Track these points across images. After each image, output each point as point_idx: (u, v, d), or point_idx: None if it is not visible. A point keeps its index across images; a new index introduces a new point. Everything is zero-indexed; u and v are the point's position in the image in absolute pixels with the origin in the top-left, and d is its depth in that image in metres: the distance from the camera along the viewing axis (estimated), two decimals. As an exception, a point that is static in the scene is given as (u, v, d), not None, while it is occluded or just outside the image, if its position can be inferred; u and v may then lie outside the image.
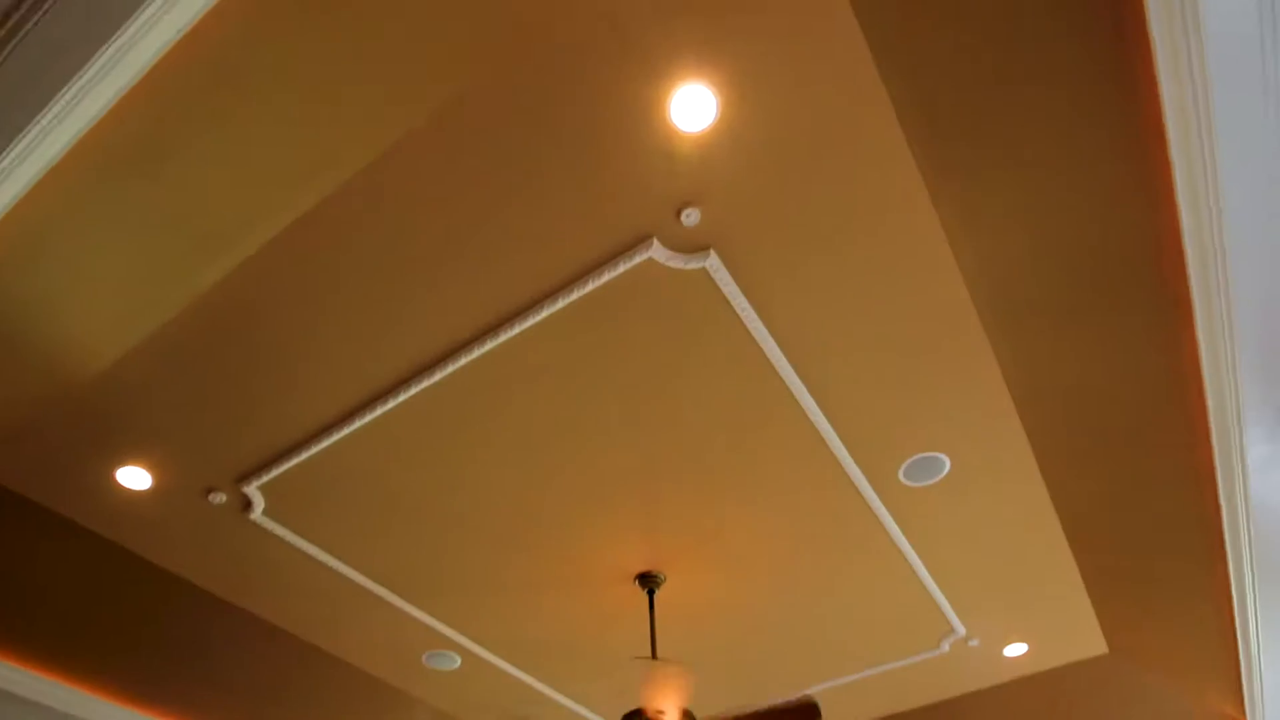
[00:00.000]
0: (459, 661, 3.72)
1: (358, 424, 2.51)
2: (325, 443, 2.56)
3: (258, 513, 2.83)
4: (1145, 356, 2.32)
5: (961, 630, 3.67)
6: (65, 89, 1.60)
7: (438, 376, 2.37)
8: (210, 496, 2.78)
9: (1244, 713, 3.72)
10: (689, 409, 2.53)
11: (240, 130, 1.78)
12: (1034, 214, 2.04)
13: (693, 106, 1.78)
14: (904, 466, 2.78)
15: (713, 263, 2.12)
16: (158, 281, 2.09)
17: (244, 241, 2.02)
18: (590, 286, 2.16)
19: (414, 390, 2.42)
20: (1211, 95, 1.69)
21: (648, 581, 3.18)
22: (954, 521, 3.05)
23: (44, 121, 1.64)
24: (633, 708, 2.67)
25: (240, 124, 1.77)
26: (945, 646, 3.78)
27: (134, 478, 2.70)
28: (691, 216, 2.02)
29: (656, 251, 2.08)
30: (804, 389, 2.48)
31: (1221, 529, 2.70)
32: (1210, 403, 2.22)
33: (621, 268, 2.11)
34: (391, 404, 2.45)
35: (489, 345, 2.29)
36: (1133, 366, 2.31)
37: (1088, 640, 3.83)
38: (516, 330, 2.25)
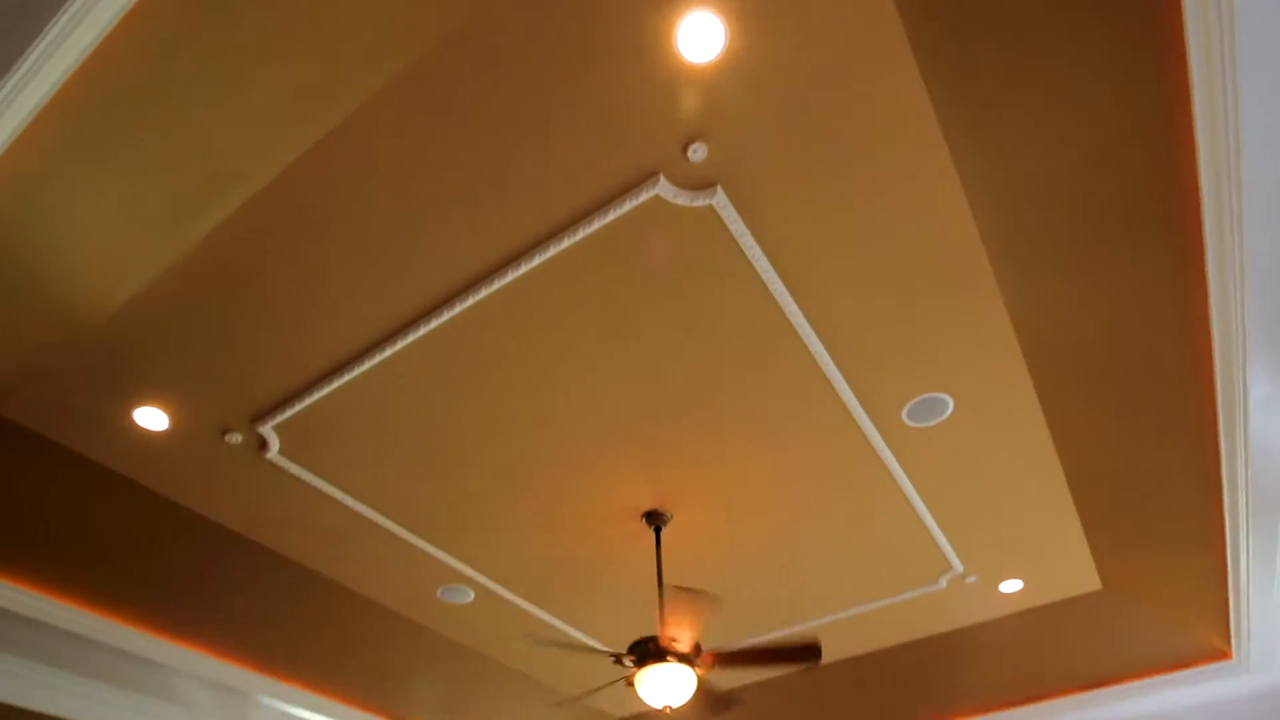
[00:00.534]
0: (472, 596, 3.86)
1: (368, 365, 2.54)
2: (336, 383, 2.60)
3: (273, 452, 2.90)
4: (1153, 295, 2.31)
5: (959, 567, 3.77)
6: (53, 22, 1.56)
7: (445, 317, 2.39)
8: (227, 437, 2.84)
9: (1230, 645, 3.83)
10: (695, 348, 2.55)
11: (235, 68, 1.75)
12: (1047, 148, 2.00)
13: (700, 36, 1.74)
14: (907, 407, 2.81)
15: (719, 200, 2.11)
16: (160, 222, 2.09)
17: (244, 182, 2.01)
18: (596, 225, 2.15)
19: (422, 331, 2.44)
20: (1237, 26, 1.63)
21: (654, 519, 3.26)
22: (955, 462, 3.10)
23: (33, 57, 1.61)
24: (647, 635, 2.77)
25: (235, 61, 1.74)
26: (943, 583, 3.89)
27: (151, 419, 2.76)
28: (698, 152, 2.00)
29: (663, 189, 2.07)
30: (809, 329, 2.49)
31: (1219, 467, 2.73)
32: (1216, 341, 2.22)
33: (628, 205, 2.10)
34: (400, 344, 2.48)
35: (495, 285, 2.30)
36: (1140, 305, 2.31)
37: (1082, 577, 3.93)
38: (523, 269, 2.26)
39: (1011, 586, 3.96)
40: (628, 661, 2.92)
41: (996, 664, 4.36)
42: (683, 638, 2.71)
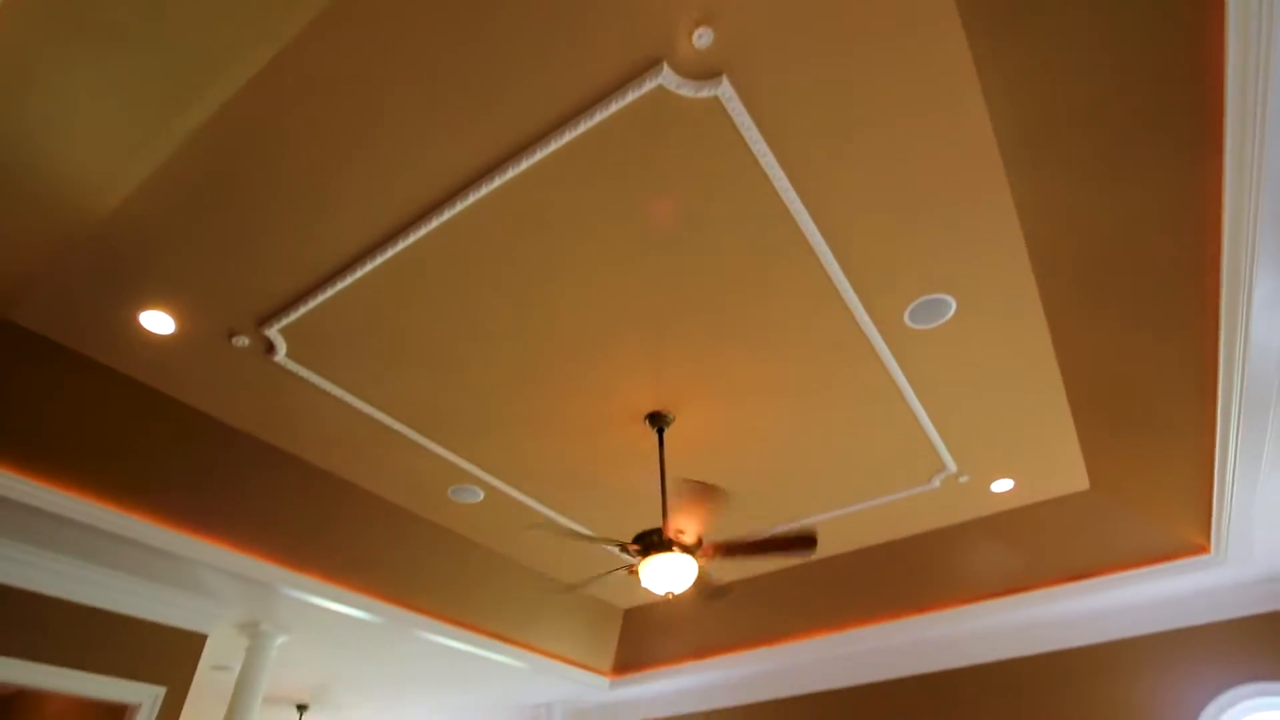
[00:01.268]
0: (482, 495, 4.01)
1: (370, 266, 2.54)
2: (340, 285, 2.60)
3: (281, 355, 2.94)
4: (1165, 193, 2.26)
5: (953, 467, 3.88)
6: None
7: (446, 216, 2.36)
8: (234, 340, 2.88)
9: (1209, 540, 4.00)
10: (697, 247, 2.53)
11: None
12: (1068, 46, 1.91)
13: (707, -97, 1.63)
14: (910, 309, 2.81)
15: (725, 90, 2.03)
16: (151, 113, 2.03)
17: (233, 70, 1.94)
18: (599, 117, 2.09)
19: (422, 232, 2.42)
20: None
21: (657, 420, 3.33)
22: (954, 364, 3.13)
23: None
24: (651, 527, 2.88)
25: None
26: (936, 482, 4.02)
27: (158, 322, 2.78)
28: (704, 37, 1.91)
29: (666, 78, 1.99)
30: (814, 227, 2.45)
31: (1215, 368, 2.76)
32: (1226, 237, 2.19)
33: (630, 96, 2.03)
34: (402, 245, 2.46)
35: (496, 183, 2.26)
36: (1151, 204, 2.26)
37: (1071, 477, 4.06)
38: (524, 165, 2.21)
39: (1003, 486, 4.09)
40: (632, 551, 3.07)
41: (984, 558, 4.57)
42: (688, 529, 2.83)
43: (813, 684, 5.60)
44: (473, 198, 2.30)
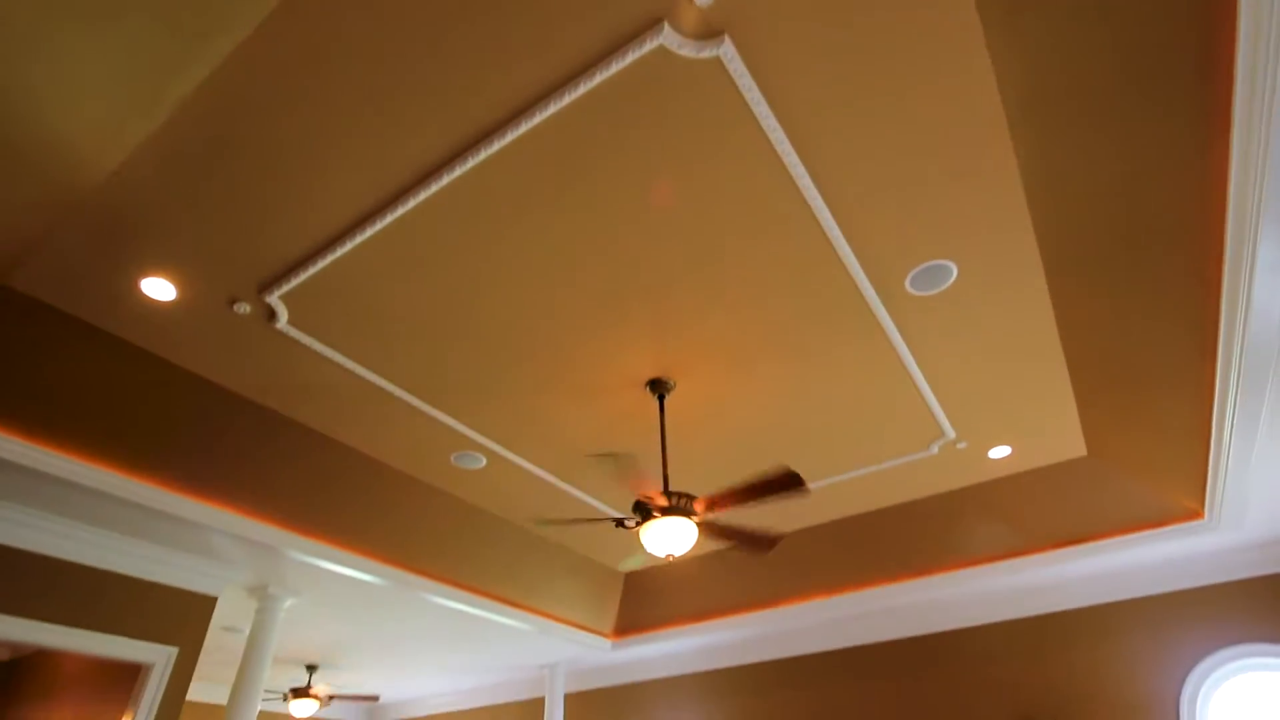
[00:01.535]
0: (484, 461, 4.05)
1: (369, 232, 2.53)
2: (340, 251, 2.60)
3: (282, 322, 2.95)
4: (1173, 155, 2.23)
5: (951, 433, 3.91)
6: None
7: (445, 180, 2.35)
8: (235, 307, 2.88)
9: (1203, 506, 4.04)
10: (698, 214, 2.52)
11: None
12: (1077, 6, 1.87)
13: None
14: (911, 275, 2.80)
15: (727, 50, 2.00)
16: (148, 75, 2.00)
17: (229, 32, 1.91)
18: (598, 79, 2.06)
19: (422, 196, 2.41)
20: None
21: (658, 387, 3.35)
22: (954, 330, 3.13)
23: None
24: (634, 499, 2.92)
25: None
26: (934, 449, 4.05)
27: (158, 289, 2.79)
28: (705, -5, 1.87)
29: (667, 38, 1.96)
30: (816, 192, 2.44)
31: (1216, 336, 2.76)
32: (1231, 202, 2.17)
33: (630, 57, 2.00)
34: (401, 210, 2.45)
35: (496, 145, 2.24)
36: (1157, 163, 2.24)
37: (1068, 444, 4.09)
38: (524, 128, 2.19)
39: (1000, 452, 4.13)
40: (630, 523, 3.11)
41: (981, 524, 4.63)
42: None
43: (811, 645, 5.73)
44: (472, 162, 2.28)
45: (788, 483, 2.64)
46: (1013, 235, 2.66)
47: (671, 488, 2.89)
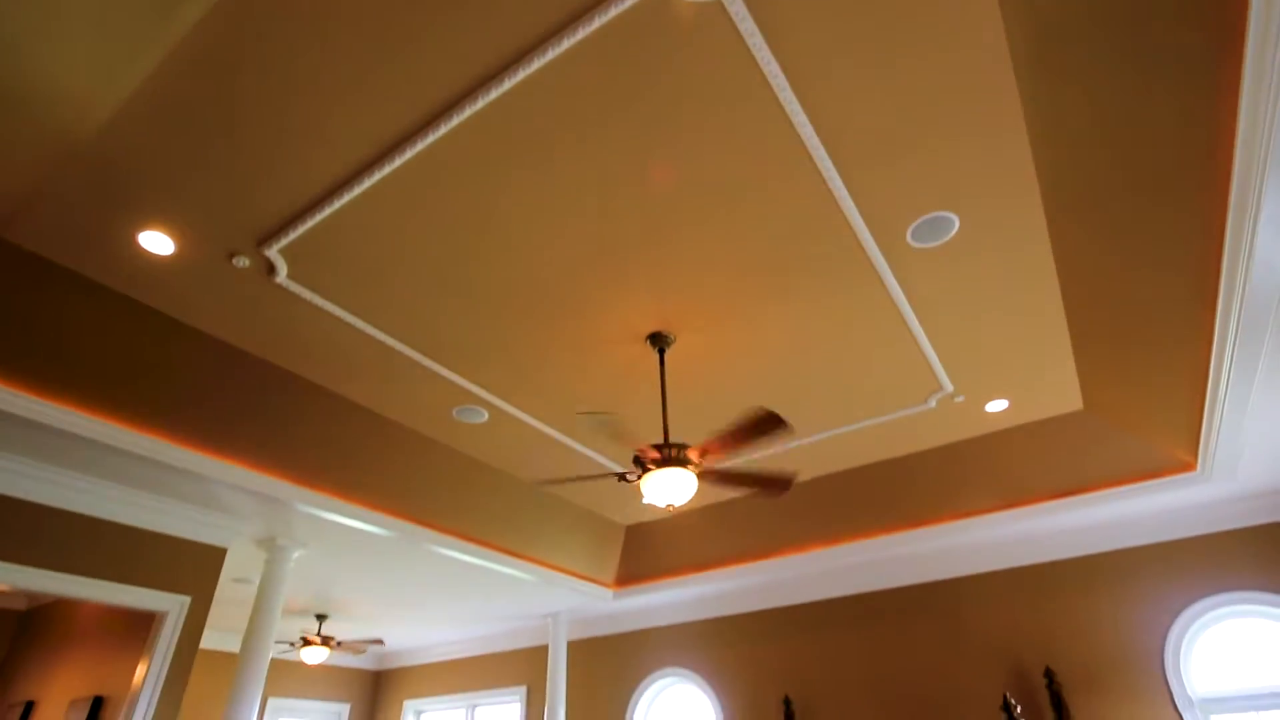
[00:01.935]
0: (486, 415, 4.09)
1: (367, 184, 2.51)
2: (339, 202, 2.58)
3: (282, 276, 2.95)
4: (1179, 96, 2.20)
5: (949, 387, 3.94)
6: None
7: (443, 130, 2.31)
8: (234, 261, 2.87)
9: (1195, 458, 4.10)
10: (698, 164, 2.49)
11: None
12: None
13: None
14: (913, 227, 2.79)
15: (729, -9, 1.95)
16: (140, 19, 1.96)
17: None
18: (596, 23, 2.01)
19: (420, 147, 2.38)
20: None
21: (658, 341, 3.36)
22: (954, 283, 3.13)
23: None
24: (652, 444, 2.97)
25: None
26: (932, 402, 4.09)
27: (156, 242, 2.78)
28: (706, -67, 1.82)
29: (667, -21, 1.91)
30: (817, 141, 2.41)
31: (1218, 284, 2.76)
32: (1238, 150, 2.15)
33: (628, 1, 1.95)
34: (399, 161, 2.42)
35: (494, 93, 2.20)
36: (1164, 113, 2.20)
37: (1065, 398, 4.12)
38: (521, 76, 2.15)
39: (997, 406, 4.17)
40: (631, 477, 3.16)
41: (976, 476, 4.70)
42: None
43: (808, 594, 5.88)
44: (469, 110, 2.25)
45: (769, 423, 2.69)
46: (1016, 186, 2.63)
47: (672, 440, 2.92)
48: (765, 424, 2.71)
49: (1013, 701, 2.45)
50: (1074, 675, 4.62)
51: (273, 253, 2.82)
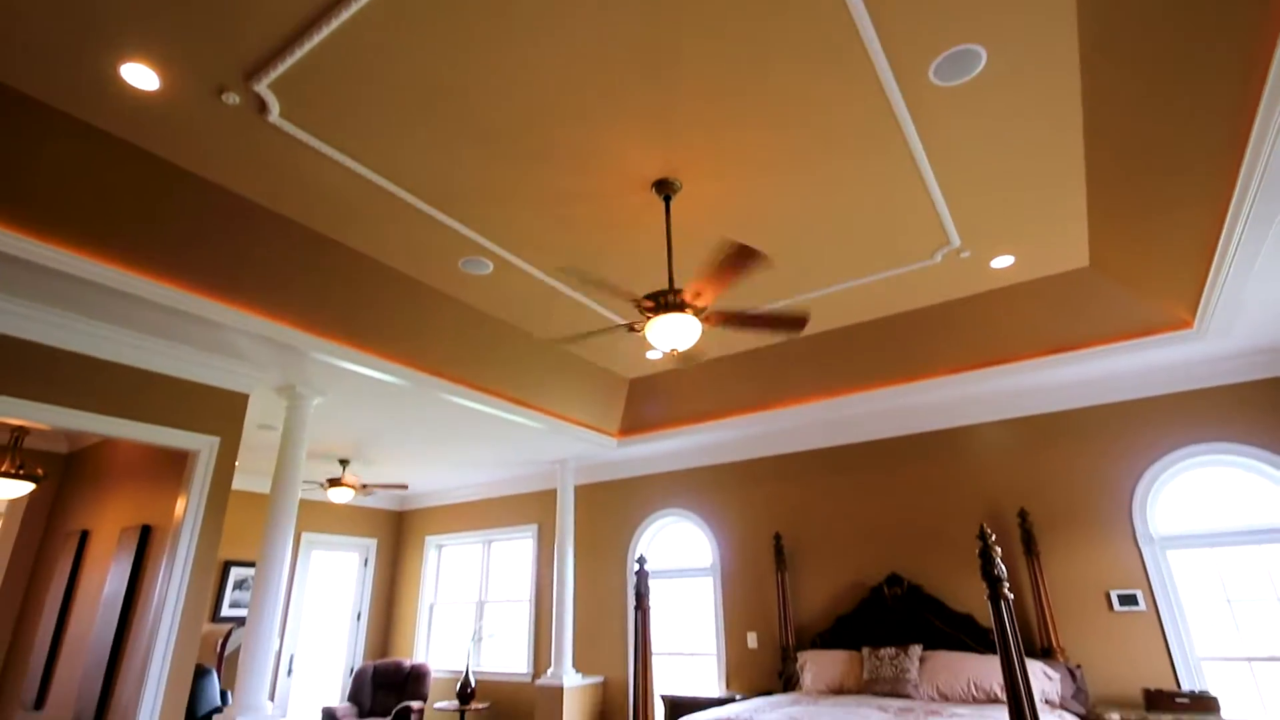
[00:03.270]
0: (491, 267, 4.10)
1: (354, 7, 2.34)
2: (325, 30, 2.43)
3: (274, 115, 2.84)
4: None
5: (956, 241, 3.90)
6: None
7: (433, -55, 2.13)
8: (224, 97, 2.76)
9: (1193, 316, 4.13)
10: (711, -12, 2.31)
11: None
12: None
13: None
14: (936, 62, 2.63)
15: None
16: None
17: None
18: None
19: (409, -34, 2.20)
20: None
21: (664, 188, 3.29)
22: (974, 126, 3.00)
23: None
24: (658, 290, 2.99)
25: None
26: (938, 257, 4.07)
27: (140, 76, 2.65)
28: None
29: None
30: (841, -39, 2.21)
31: (1244, 147, 2.64)
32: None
33: None
34: (388, -18, 2.25)
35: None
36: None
37: (1072, 254, 4.09)
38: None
39: (1003, 262, 4.14)
40: (638, 327, 3.21)
41: (971, 334, 4.77)
42: (705, 293, 2.94)
43: (805, 443, 6.19)
44: (461, -80, 2.05)
45: (744, 254, 2.72)
46: (1052, 17, 2.45)
47: (691, 288, 2.96)
48: (740, 256, 2.73)
49: (988, 530, 2.67)
50: (1046, 516, 4.97)
51: (262, 88, 2.70)
